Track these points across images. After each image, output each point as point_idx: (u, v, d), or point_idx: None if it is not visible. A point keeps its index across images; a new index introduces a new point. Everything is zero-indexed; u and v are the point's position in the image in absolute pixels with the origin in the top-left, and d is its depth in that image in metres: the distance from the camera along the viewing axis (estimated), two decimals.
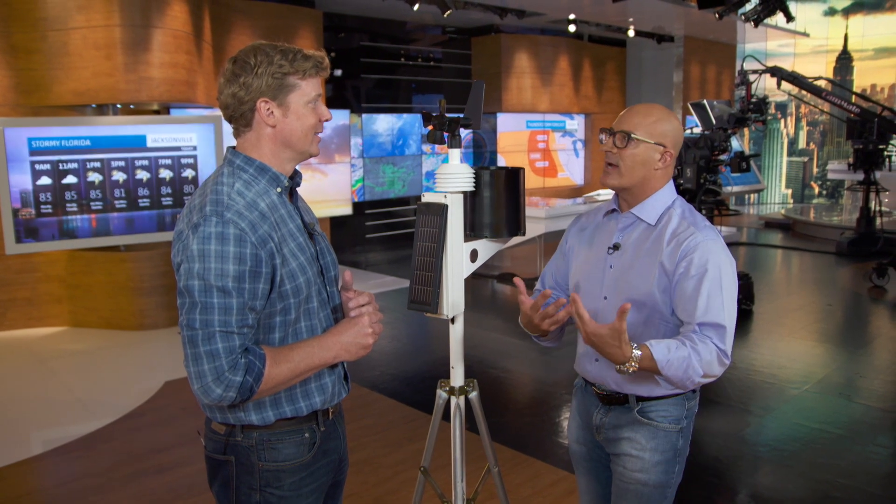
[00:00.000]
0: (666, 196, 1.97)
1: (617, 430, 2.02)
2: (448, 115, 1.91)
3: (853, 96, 9.90)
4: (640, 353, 1.72)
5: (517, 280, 1.95)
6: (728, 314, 1.81)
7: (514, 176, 1.97)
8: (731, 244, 10.62)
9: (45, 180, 5.99)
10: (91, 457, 4.02)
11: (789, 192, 21.25)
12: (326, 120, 1.74)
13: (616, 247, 1.99)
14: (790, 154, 22.19)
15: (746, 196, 15.67)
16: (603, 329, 1.69)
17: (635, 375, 1.87)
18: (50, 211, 6.04)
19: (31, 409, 4.77)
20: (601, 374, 2.03)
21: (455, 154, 1.95)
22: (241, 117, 1.66)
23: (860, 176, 9.57)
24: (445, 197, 1.88)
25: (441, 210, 1.87)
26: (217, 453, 1.71)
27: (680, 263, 1.85)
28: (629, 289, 1.93)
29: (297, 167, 1.78)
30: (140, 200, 6.39)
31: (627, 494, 2.00)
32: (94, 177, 6.19)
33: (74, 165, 6.09)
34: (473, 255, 1.98)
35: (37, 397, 4.96)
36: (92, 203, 6.19)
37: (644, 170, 1.93)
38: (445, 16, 8.68)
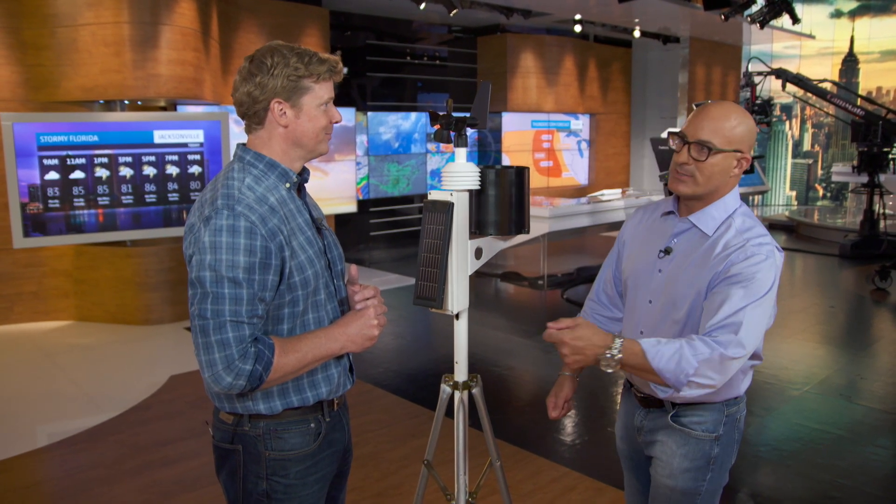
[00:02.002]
0: (729, 204, 1.89)
1: (653, 434, 2.01)
2: (455, 114, 1.94)
3: (858, 99, 9.91)
4: (620, 340, 1.65)
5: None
6: (742, 316, 1.70)
7: (519, 175, 1.99)
8: None
9: (52, 175, 6.04)
10: (97, 449, 4.06)
11: (793, 193, 21.25)
12: (337, 122, 1.78)
13: (667, 251, 1.94)
14: (795, 156, 22.18)
15: (750, 197, 15.66)
16: (569, 331, 1.66)
17: (659, 389, 1.84)
18: (57, 206, 6.08)
19: (38, 402, 4.82)
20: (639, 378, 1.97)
21: (461, 153, 1.97)
22: (254, 115, 1.70)
23: (864, 178, 9.59)
24: (451, 195, 1.91)
25: (447, 208, 1.89)
26: (225, 442, 1.75)
27: (723, 272, 1.78)
28: (674, 296, 1.88)
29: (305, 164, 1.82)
30: (147, 196, 6.43)
31: (659, 498, 2.00)
32: (102, 172, 6.23)
33: (82, 161, 6.14)
34: (478, 253, 2.01)
35: (43, 390, 5.01)
36: (99, 198, 6.24)
37: (721, 178, 1.85)
38: (451, 15, 8.71)
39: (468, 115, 1.94)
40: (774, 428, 4.31)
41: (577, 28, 10.80)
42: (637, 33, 11.70)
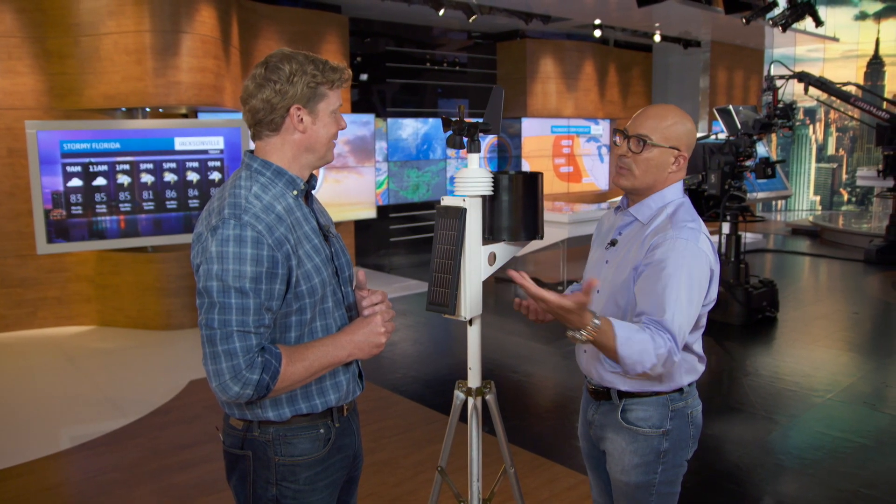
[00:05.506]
0: (667, 196, 1.99)
1: (603, 429, 2.08)
2: (467, 119, 1.93)
3: (884, 102, 9.77)
4: (599, 322, 1.69)
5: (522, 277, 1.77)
6: (679, 315, 1.79)
7: (532, 180, 1.99)
8: (757, 251, 10.52)
9: (75, 182, 6.12)
10: (117, 452, 4.10)
11: (818, 198, 21.00)
12: (342, 129, 1.80)
13: (613, 243, 2.05)
14: (819, 160, 21.92)
15: (774, 202, 15.50)
16: (568, 302, 1.66)
17: (606, 362, 1.96)
18: (80, 212, 6.16)
19: (60, 405, 4.87)
20: (587, 366, 2.10)
21: (474, 158, 1.97)
22: (270, 122, 1.70)
23: (890, 182, 9.45)
24: (464, 200, 1.90)
25: (459, 213, 1.89)
26: (235, 448, 1.76)
27: (644, 259, 1.88)
28: (616, 284, 1.98)
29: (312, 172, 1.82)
30: (167, 202, 6.50)
31: (617, 490, 2.07)
32: (123, 179, 6.30)
33: (104, 168, 6.22)
34: (491, 259, 2.00)
35: (66, 394, 5.06)
36: (121, 204, 6.31)
37: (657, 173, 1.97)
38: (471, 21, 8.72)
39: (481, 120, 1.93)
40: (796, 436, 4.25)
41: (597, 33, 10.76)
42: (658, 37, 11.63)
